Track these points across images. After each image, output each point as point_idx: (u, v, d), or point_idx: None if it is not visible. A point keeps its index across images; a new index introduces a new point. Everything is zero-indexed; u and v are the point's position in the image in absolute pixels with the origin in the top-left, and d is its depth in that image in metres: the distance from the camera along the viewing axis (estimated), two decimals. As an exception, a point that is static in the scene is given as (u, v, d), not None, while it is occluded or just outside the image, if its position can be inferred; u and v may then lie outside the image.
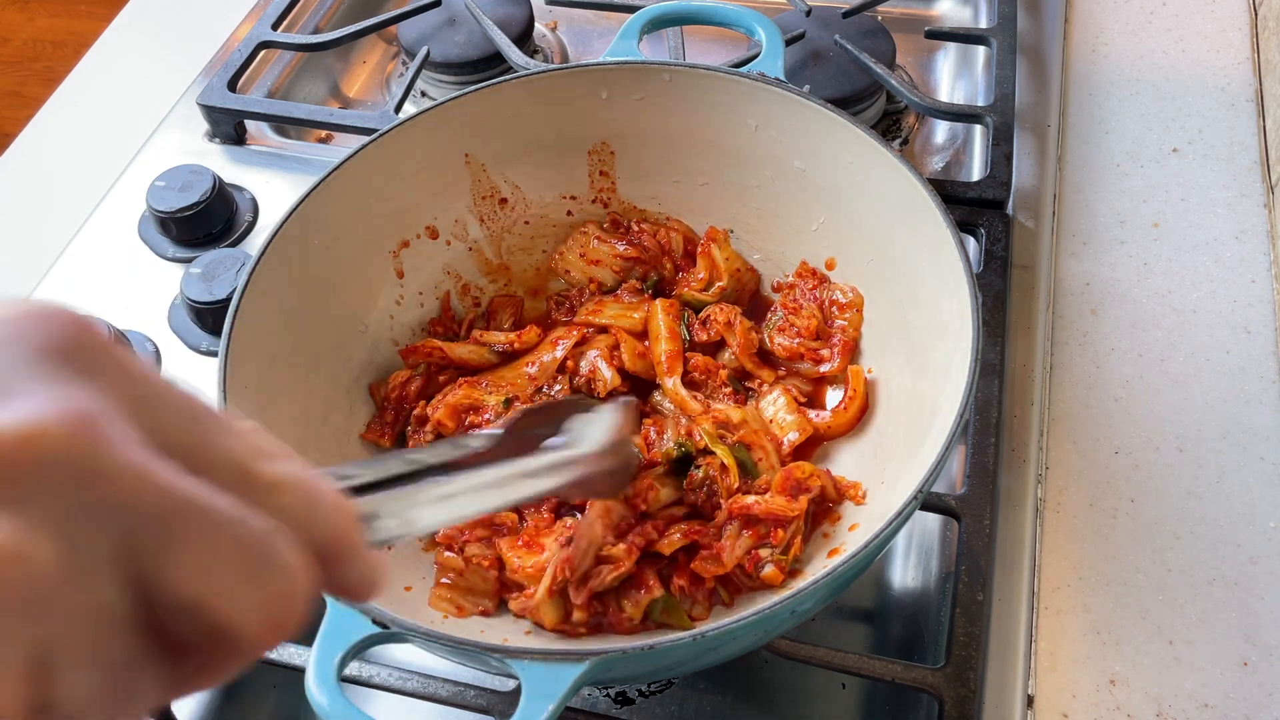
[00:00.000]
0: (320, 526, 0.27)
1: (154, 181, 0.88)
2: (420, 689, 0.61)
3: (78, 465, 0.22)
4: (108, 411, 0.23)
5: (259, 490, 0.26)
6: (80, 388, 0.23)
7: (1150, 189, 0.87)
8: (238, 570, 0.24)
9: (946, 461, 0.53)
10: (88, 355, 0.24)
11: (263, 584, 0.25)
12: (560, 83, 0.73)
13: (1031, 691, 0.62)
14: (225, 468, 0.25)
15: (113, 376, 0.24)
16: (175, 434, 0.25)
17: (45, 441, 0.21)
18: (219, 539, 0.24)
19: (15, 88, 2.10)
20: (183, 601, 0.23)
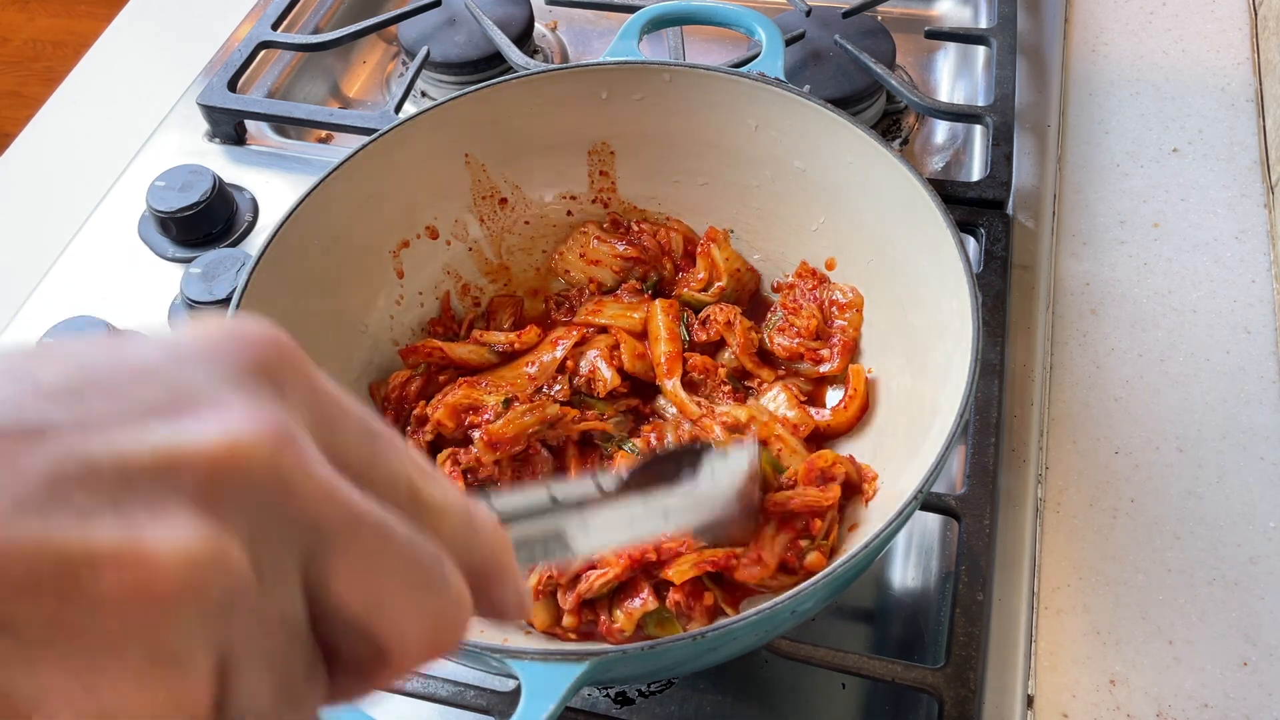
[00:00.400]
0: (479, 551, 0.28)
1: (154, 181, 0.88)
2: (420, 689, 0.61)
3: (274, 478, 0.22)
4: (300, 429, 0.24)
5: (425, 512, 0.27)
6: (278, 405, 0.24)
7: (1150, 189, 0.87)
8: (405, 589, 0.25)
9: (946, 461, 0.53)
10: (283, 373, 0.25)
11: (427, 604, 0.25)
12: (560, 83, 0.73)
13: (1031, 691, 0.62)
14: (396, 487, 0.26)
15: (304, 394, 0.25)
16: (354, 452, 0.26)
17: (248, 454, 0.22)
18: (391, 558, 0.25)
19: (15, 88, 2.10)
20: (351, 615, 0.24)
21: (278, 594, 0.23)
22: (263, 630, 0.23)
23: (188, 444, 0.22)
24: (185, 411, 0.22)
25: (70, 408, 0.21)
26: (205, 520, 0.21)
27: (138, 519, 0.20)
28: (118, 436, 0.21)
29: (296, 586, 0.23)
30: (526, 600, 0.31)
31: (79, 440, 0.21)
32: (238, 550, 0.22)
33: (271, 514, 0.23)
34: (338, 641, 0.25)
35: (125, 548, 0.20)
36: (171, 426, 0.22)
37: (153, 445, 0.21)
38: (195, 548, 0.21)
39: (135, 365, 0.23)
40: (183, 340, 0.24)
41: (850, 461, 0.66)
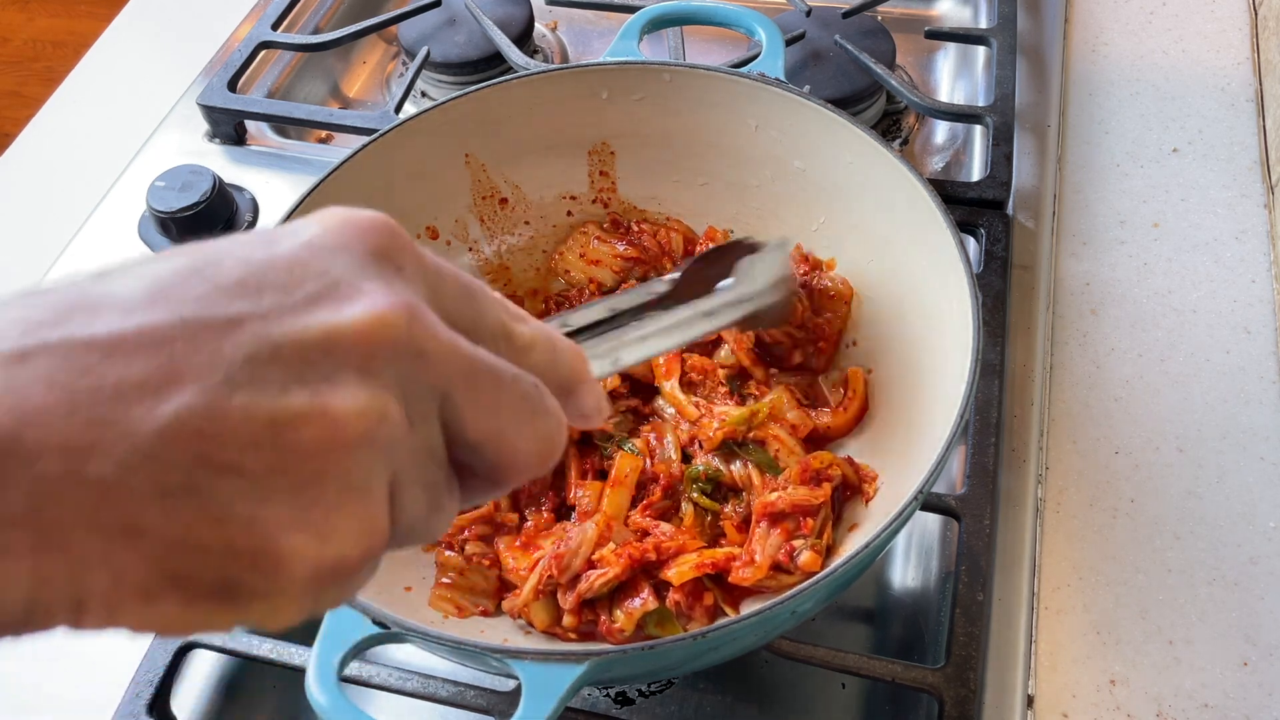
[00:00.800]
0: (563, 371, 0.36)
1: (154, 182, 0.88)
2: (420, 689, 0.61)
3: (411, 346, 0.29)
4: (420, 301, 0.30)
5: (518, 349, 0.34)
6: (401, 283, 0.30)
7: (1150, 189, 0.87)
8: (516, 419, 0.32)
9: (946, 461, 0.53)
10: (399, 255, 0.31)
11: (535, 426, 0.33)
12: (560, 83, 0.73)
13: (1031, 691, 0.63)
14: (496, 333, 0.33)
15: (416, 269, 0.31)
16: (459, 309, 0.32)
17: (390, 329, 0.28)
18: (504, 395, 0.32)
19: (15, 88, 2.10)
20: (478, 441, 0.31)
21: (424, 432, 0.30)
22: (415, 460, 0.30)
23: (344, 325, 0.28)
24: (336, 299, 0.28)
25: (251, 301, 0.27)
26: (368, 383, 0.28)
27: (319, 387, 0.27)
28: (291, 323, 0.27)
29: (436, 425, 0.30)
30: (603, 403, 0.38)
31: (263, 328, 0.27)
32: (393, 404, 0.28)
33: (413, 373, 0.29)
34: (470, 461, 0.32)
35: (315, 409, 0.27)
36: (329, 312, 0.28)
37: (318, 328, 0.28)
38: (364, 405, 0.27)
39: (289, 261, 0.29)
40: (317, 234, 0.30)
41: (849, 462, 0.66)
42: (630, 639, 0.60)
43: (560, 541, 0.62)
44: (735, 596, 0.62)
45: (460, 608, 0.63)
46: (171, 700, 0.64)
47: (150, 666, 0.63)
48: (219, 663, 0.67)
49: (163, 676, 0.63)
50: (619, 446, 0.68)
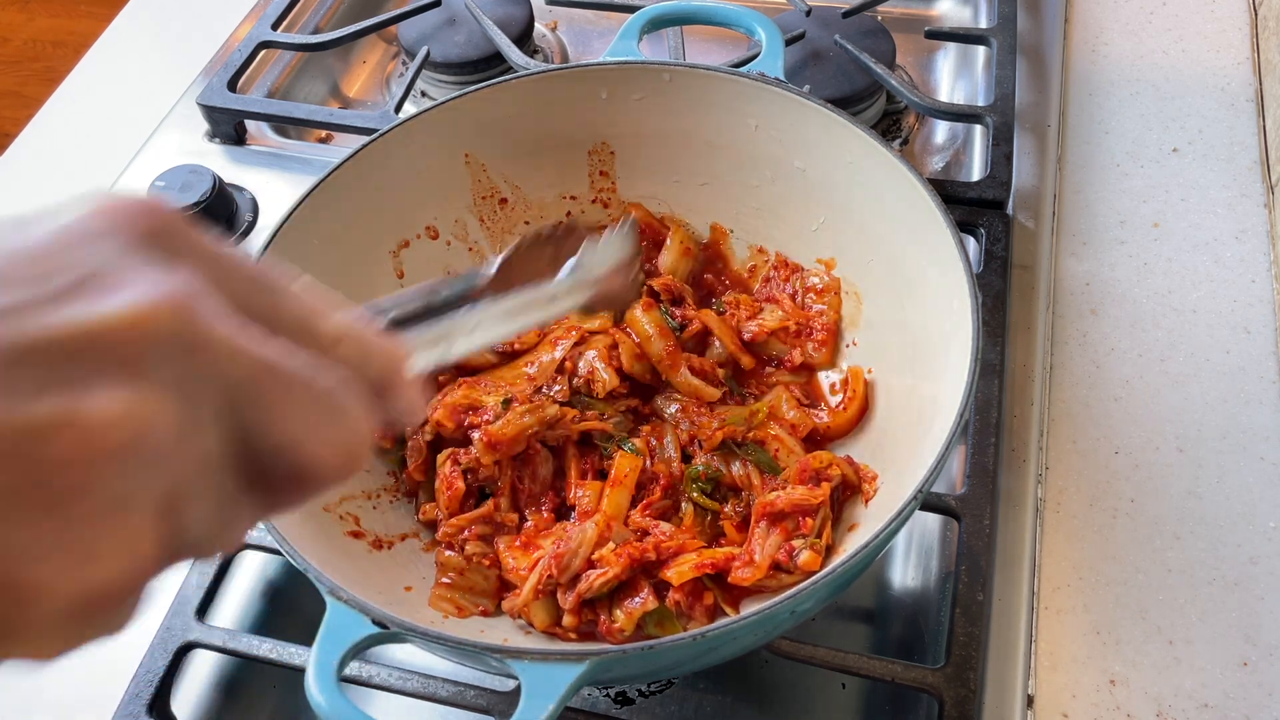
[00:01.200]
0: (374, 368, 0.32)
1: (154, 181, 0.88)
2: (420, 689, 0.61)
3: (182, 339, 0.26)
4: (200, 290, 0.27)
5: (324, 344, 0.31)
6: (175, 271, 0.27)
7: (1150, 189, 0.87)
8: (315, 418, 0.29)
9: (946, 461, 0.53)
10: (174, 240, 0.28)
11: (335, 428, 0.29)
12: (560, 83, 0.73)
13: (1031, 691, 0.63)
14: (295, 327, 0.30)
15: (197, 257, 0.28)
16: (251, 300, 0.29)
17: (155, 321, 0.25)
18: (299, 394, 0.28)
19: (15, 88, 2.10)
20: (273, 446, 0.28)
21: (205, 435, 0.27)
22: (197, 470, 0.26)
23: (102, 319, 0.25)
24: (97, 289, 0.25)
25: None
26: (132, 385, 0.25)
27: (71, 391, 0.24)
28: (42, 319, 0.24)
29: (221, 429, 0.27)
30: (419, 405, 0.35)
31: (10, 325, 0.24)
32: (164, 408, 0.25)
33: (191, 372, 0.26)
34: (267, 465, 0.28)
35: (65, 418, 0.24)
36: (87, 305, 0.25)
37: (75, 324, 0.24)
38: (125, 410, 0.24)
39: (44, 250, 0.26)
40: (76, 218, 0.27)
41: (849, 462, 0.66)
42: (630, 639, 0.60)
43: (560, 541, 0.62)
44: (735, 596, 0.62)
45: (460, 608, 0.63)
46: (171, 700, 0.64)
47: (150, 666, 0.63)
48: (219, 663, 0.67)
49: (163, 676, 0.63)
50: (619, 446, 0.68)
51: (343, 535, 0.63)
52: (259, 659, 0.63)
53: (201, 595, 0.65)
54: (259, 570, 0.71)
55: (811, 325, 0.73)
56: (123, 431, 0.24)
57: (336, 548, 0.61)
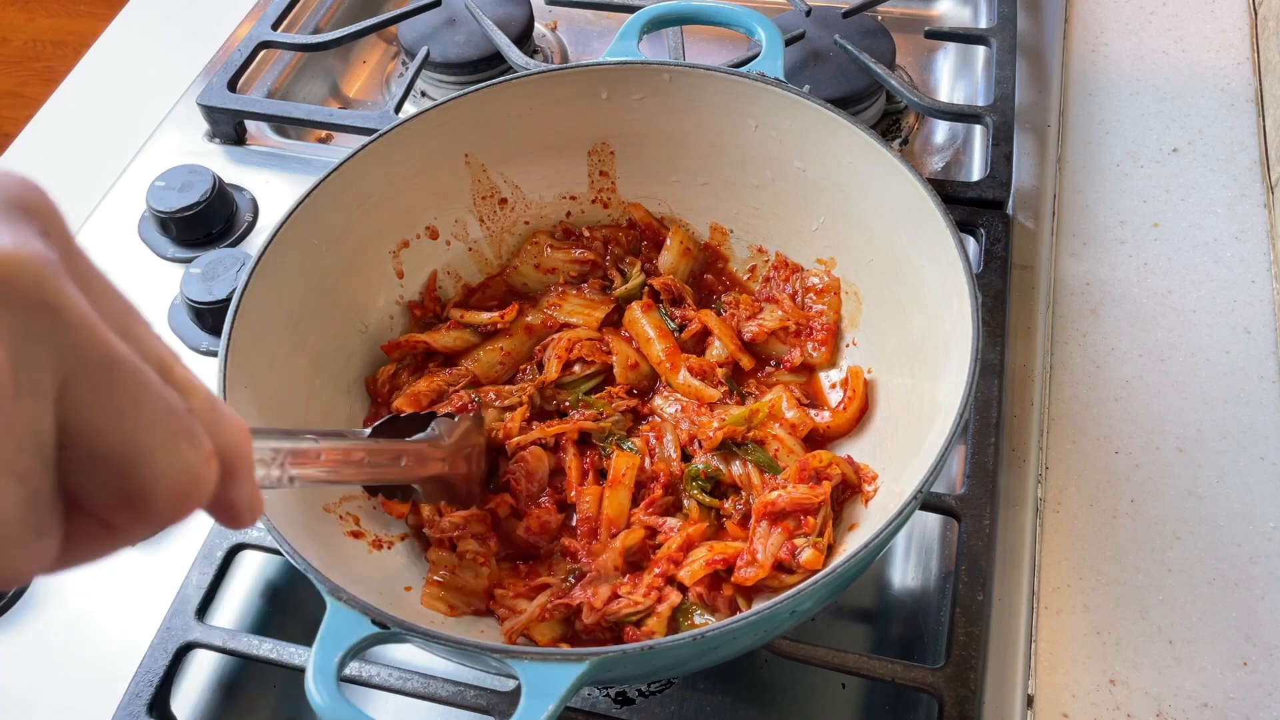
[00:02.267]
0: (223, 434, 0.28)
1: (154, 181, 0.88)
2: (420, 689, 0.61)
3: (36, 294, 0.23)
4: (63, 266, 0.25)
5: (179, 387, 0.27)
6: (41, 238, 0.25)
7: (1150, 189, 0.87)
8: (162, 433, 0.25)
9: (946, 461, 0.53)
10: (44, 217, 0.26)
11: (180, 453, 0.26)
12: (560, 83, 0.73)
13: (1031, 691, 0.62)
14: (153, 360, 0.27)
15: (62, 240, 0.26)
16: (111, 315, 0.26)
17: (13, 269, 0.23)
18: (150, 401, 0.25)
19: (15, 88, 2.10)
20: (105, 448, 0.24)
21: (32, 407, 0.23)
22: (13, 440, 0.23)
23: None
24: None
25: None
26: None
27: None
28: None
29: (50, 404, 0.23)
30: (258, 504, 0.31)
31: None
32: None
33: (33, 329, 0.23)
34: (86, 480, 0.24)
35: None
36: None
37: None
38: None
39: None
40: None
41: (849, 462, 0.66)
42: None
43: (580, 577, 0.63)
44: (749, 592, 0.62)
45: (451, 606, 0.63)
46: (171, 700, 0.64)
47: (150, 666, 0.63)
48: (219, 663, 0.67)
49: (163, 676, 0.63)
50: (618, 446, 0.68)
51: (343, 535, 0.63)
52: (259, 659, 0.63)
53: (201, 595, 0.65)
54: (259, 570, 0.71)
55: (811, 325, 0.73)
56: None
57: (336, 548, 0.61)
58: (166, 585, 0.67)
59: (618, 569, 0.63)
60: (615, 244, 0.79)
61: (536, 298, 0.77)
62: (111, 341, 0.25)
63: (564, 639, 0.62)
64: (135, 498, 0.25)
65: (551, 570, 0.64)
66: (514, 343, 0.75)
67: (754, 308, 0.75)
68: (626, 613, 0.61)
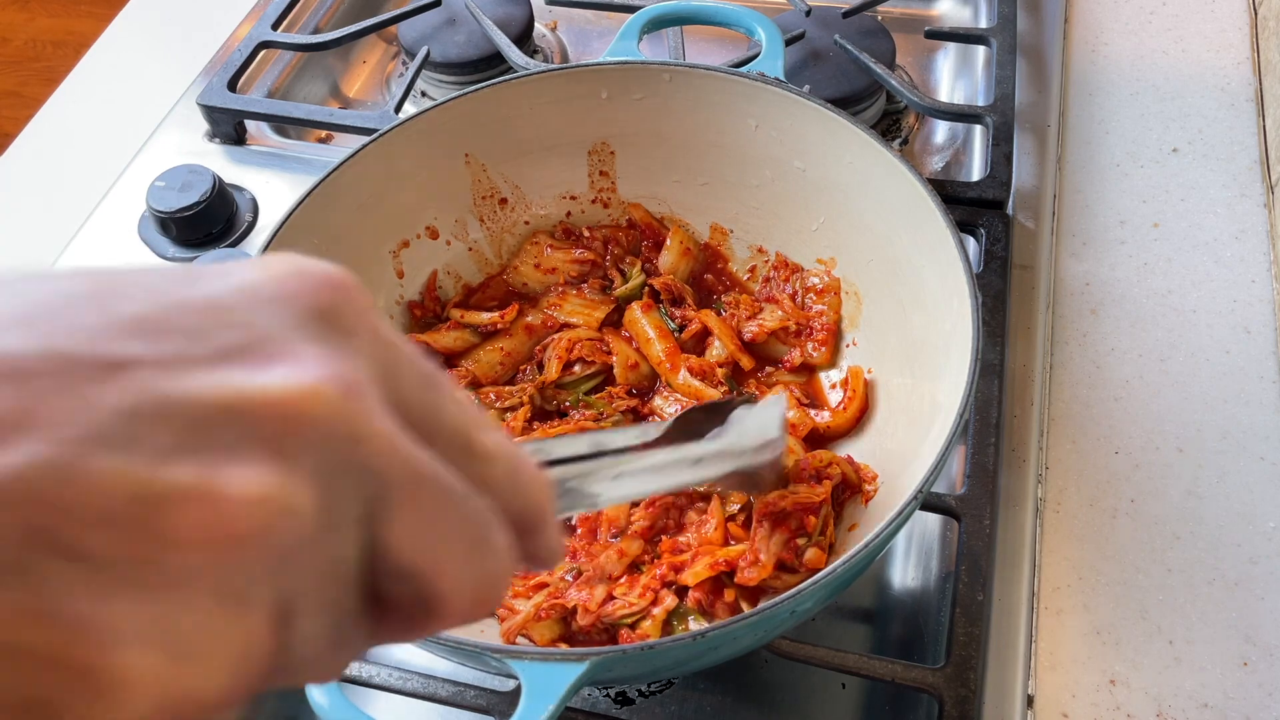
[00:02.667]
0: (523, 499, 0.29)
1: (154, 181, 0.88)
2: (420, 689, 0.61)
3: (343, 429, 0.23)
4: (367, 379, 0.24)
5: (477, 459, 0.27)
6: (346, 354, 0.24)
7: (1150, 189, 0.87)
8: (458, 547, 0.26)
9: (946, 461, 0.53)
10: (351, 320, 0.25)
11: (477, 562, 0.26)
12: (560, 83, 0.73)
13: (1031, 691, 0.62)
14: (453, 435, 0.27)
15: (369, 340, 0.25)
16: (414, 398, 0.26)
17: (319, 405, 0.22)
18: (449, 515, 0.25)
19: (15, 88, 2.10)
20: (405, 566, 0.25)
21: (340, 540, 0.23)
22: (323, 575, 0.23)
23: (261, 391, 0.22)
24: (260, 357, 0.23)
25: (149, 343, 0.22)
26: (277, 466, 0.22)
27: (213, 461, 0.21)
28: (195, 378, 0.22)
29: (356, 533, 0.24)
30: (560, 550, 0.31)
31: (157, 377, 0.21)
32: (304, 496, 0.22)
33: (339, 463, 0.23)
34: (389, 589, 0.25)
35: (201, 488, 0.21)
36: (247, 372, 0.22)
37: (229, 390, 0.22)
38: (267, 493, 0.21)
39: (211, 304, 0.23)
40: (253, 279, 0.25)
41: (849, 461, 0.66)
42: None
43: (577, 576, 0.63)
44: (752, 594, 0.62)
45: None
46: (171, 700, 0.64)
47: (150, 666, 0.63)
48: (219, 663, 0.67)
49: (163, 676, 0.63)
50: (619, 446, 0.68)
51: (343, 535, 0.63)
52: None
53: (201, 595, 0.65)
54: (259, 570, 0.71)
55: (811, 325, 0.73)
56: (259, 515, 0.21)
57: (336, 548, 0.61)
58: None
59: (614, 577, 0.63)
60: (615, 244, 0.79)
61: (536, 298, 0.78)
62: (412, 459, 0.24)
63: (563, 639, 0.62)
64: (436, 607, 0.26)
65: (550, 569, 0.64)
66: (514, 343, 0.75)
67: (754, 308, 0.75)
68: (621, 614, 0.60)
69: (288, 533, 0.22)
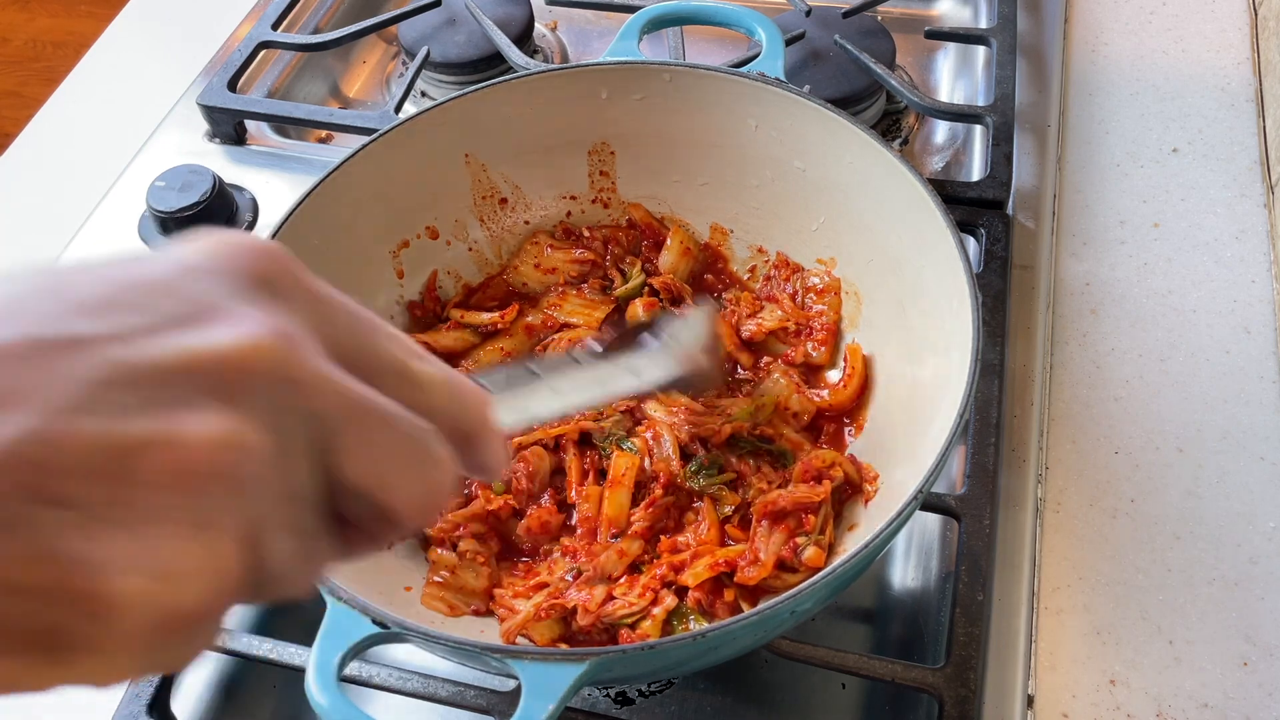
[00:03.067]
0: (465, 416, 0.33)
1: (154, 181, 0.88)
2: (420, 689, 0.61)
3: (282, 375, 0.27)
4: (301, 330, 0.28)
5: (416, 386, 0.32)
6: (280, 310, 0.28)
7: (1150, 189, 0.87)
8: (400, 465, 0.30)
9: (946, 462, 0.53)
10: (282, 281, 0.29)
11: (419, 476, 0.30)
12: (560, 83, 0.73)
13: (1031, 691, 0.62)
14: (389, 369, 0.31)
15: (301, 299, 0.29)
16: (350, 344, 0.30)
17: (260, 355, 0.26)
18: (387, 438, 0.29)
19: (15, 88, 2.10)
20: (356, 488, 0.29)
21: (293, 470, 0.27)
22: (281, 500, 0.27)
23: (207, 349, 0.26)
24: (203, 321, 0.26)
25: (104, 320, 0.25)
26: (228, 412, 0.26)
27: (173, 413, 0.25)
28: (147, 345, 0.25)
29: (309, 464, 0.28)
30: (504, 457, 0.36)
31: (117, 349, 0.25)
32: (255, 435, 0.26)
33: (282, 405, 0.27)
34: (348, 507, 0.30)
35: (164, 436, 0.24)
36: (192, 335, 0.26)
37: (180, 351, 0.25)
38: (219, 434, 0.25)
39: (155, 281, 0.27)
40: (191, 256, 0.28)
41: (851, 461, 0.66)
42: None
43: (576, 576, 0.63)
44: (752, 594, 0.62)
45: (452, 606, 0.63)
46: (171, 700, 0.64)
47: (150, 666, 0.63)
48: (219, 663, 0.67)
49: (163, 677, 0.63)
50: (617, 445, 0.68)
51: (343, 535, 0.63)
52: (259, 659, 0.63)
53: (201, 595, 0.65)
54: (259, 570, 0.71)
55: (811, 325, 0.73)
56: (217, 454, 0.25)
57: (336, 548, 0.61)
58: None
59: (614, 577, 0.63)
60: (615, 244, 0.79)
61: (536, 298, 0.77)
62: (351, 389, 0.28)
63: (563, 639, 0.62)
64: (387, 517, 0.30)
65: (550, 568, 0.64)
66: (514, 343, 0.75)
67: (754, 305, 0.75)
68: (621, 614, 0.60)
69: (243, 466, 0.26)
